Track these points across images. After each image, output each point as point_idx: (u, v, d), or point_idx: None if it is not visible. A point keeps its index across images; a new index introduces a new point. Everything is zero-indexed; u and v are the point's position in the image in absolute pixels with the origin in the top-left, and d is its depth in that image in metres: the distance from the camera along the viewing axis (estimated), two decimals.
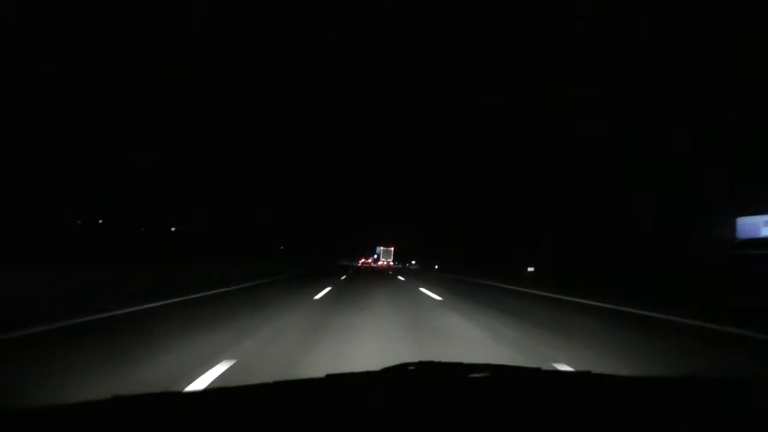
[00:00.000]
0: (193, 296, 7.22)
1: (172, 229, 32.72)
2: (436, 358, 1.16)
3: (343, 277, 16.36)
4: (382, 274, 22.90)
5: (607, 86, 16.08)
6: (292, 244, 49.83)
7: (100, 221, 28.14)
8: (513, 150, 25.16)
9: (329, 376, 0.95)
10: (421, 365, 1.01)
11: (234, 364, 2.87)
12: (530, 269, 16.74)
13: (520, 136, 24.54)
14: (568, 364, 2.99)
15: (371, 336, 4.05)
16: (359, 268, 37.53)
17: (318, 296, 8.03)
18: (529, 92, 26.13)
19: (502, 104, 28.45)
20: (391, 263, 74.35)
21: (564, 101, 18.62)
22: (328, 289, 9.80)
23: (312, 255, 45.83)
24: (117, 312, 5.05)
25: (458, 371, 1.02)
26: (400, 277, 18.22)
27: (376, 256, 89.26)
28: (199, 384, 2.42)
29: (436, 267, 35.86)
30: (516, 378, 1.03)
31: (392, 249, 78.83)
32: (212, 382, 2.46)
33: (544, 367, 1.34)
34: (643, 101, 14.39)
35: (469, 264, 26.93)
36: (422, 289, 10.65)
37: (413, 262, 57.11)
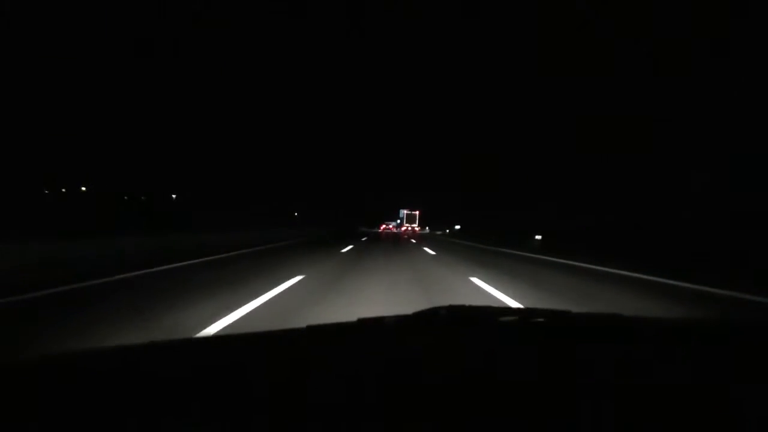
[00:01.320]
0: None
1: (172, 196, 35.52)
2: None
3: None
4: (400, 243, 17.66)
5: None
6: (308, 210, 50.79)
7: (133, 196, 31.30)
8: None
9: (361, 320, 0.96)
10: (452, 309, 1.02)
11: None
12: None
13: None
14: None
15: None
16: (379, 234, 35.95)
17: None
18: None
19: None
20: (416, 229, 66.48)
21: None
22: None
23: (327, 221, 46.24)
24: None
25: (488, 314, 1.04)
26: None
27: (399, 221, 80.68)
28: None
29: (539, 238, 16.90)
30: (545, 320, 1.02)
31: (417, 213, 71.42)
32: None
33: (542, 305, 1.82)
34: None
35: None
36: None
37: (457, 227, 42.54)
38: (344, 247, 11.92)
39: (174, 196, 34.63)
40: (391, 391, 0.56)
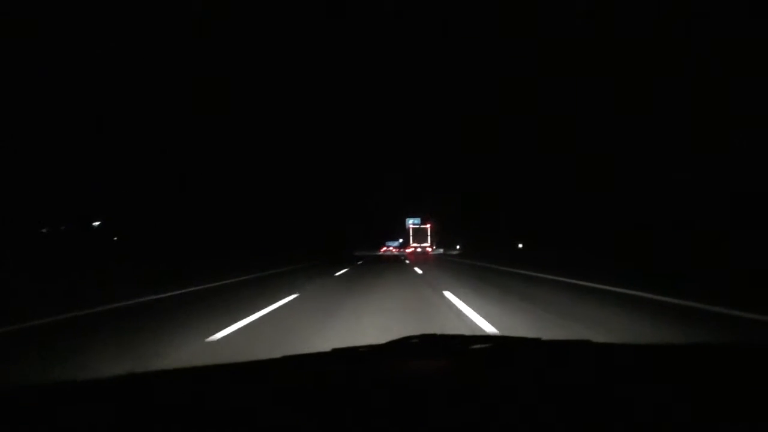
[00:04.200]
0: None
1: (93, 224, 27.45)
2: None
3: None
4: None
5: None
6: (290, 234, 40.93)
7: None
8: None
9: (335, 351, 0.99)
10: (425, 338, 1.04)
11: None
12: None
13: None
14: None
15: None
16: (379, 258, 30.59)
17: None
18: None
19: None
20: (429, 249, 51.81)
21: None
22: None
23: (316, 245, 39.09)
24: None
25: (460, 343, 1.05)
26: None
27: (400, 241, 66.79)
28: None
29: None
30: (515, 348, 1.05)
31: (429, 226, 56.23)
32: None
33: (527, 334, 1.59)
34: None
35: None
36: None
37: None
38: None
39: (96, 224, 28.69)
40: (361, 421, 0.58)
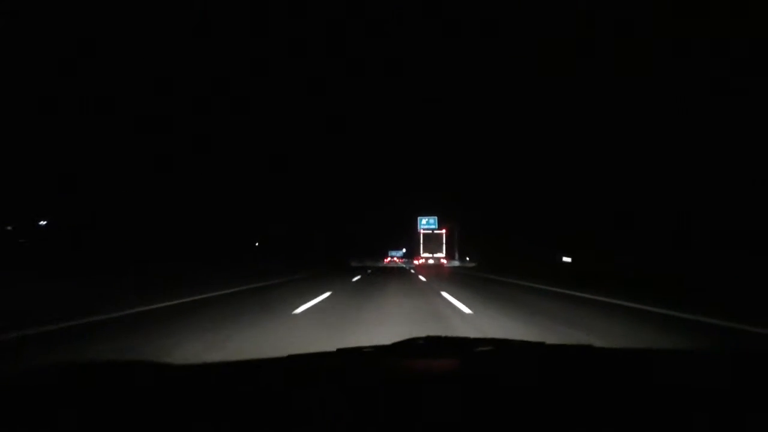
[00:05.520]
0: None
1: (40, 223, 25.56)
2: None
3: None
4: None
5: None
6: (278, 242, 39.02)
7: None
8: None
9: (341, 351, 1.00)
10: (429, 339, 1.06)
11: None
12: None
13: None
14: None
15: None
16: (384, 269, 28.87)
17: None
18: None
19: None
20: (443, 261, 45.52)
21: None
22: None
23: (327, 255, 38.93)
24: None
25: (464, 345, 1.07)
26: None
27: (403, 251, 60.89)
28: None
29: None
30: (519, 351, 1.07)
31: (444, 232, 48.94)
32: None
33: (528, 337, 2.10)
34: None
35: None
36: None
37: None
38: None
39: (43, 222, 26.17)
40: (363, 419, 0.59)
